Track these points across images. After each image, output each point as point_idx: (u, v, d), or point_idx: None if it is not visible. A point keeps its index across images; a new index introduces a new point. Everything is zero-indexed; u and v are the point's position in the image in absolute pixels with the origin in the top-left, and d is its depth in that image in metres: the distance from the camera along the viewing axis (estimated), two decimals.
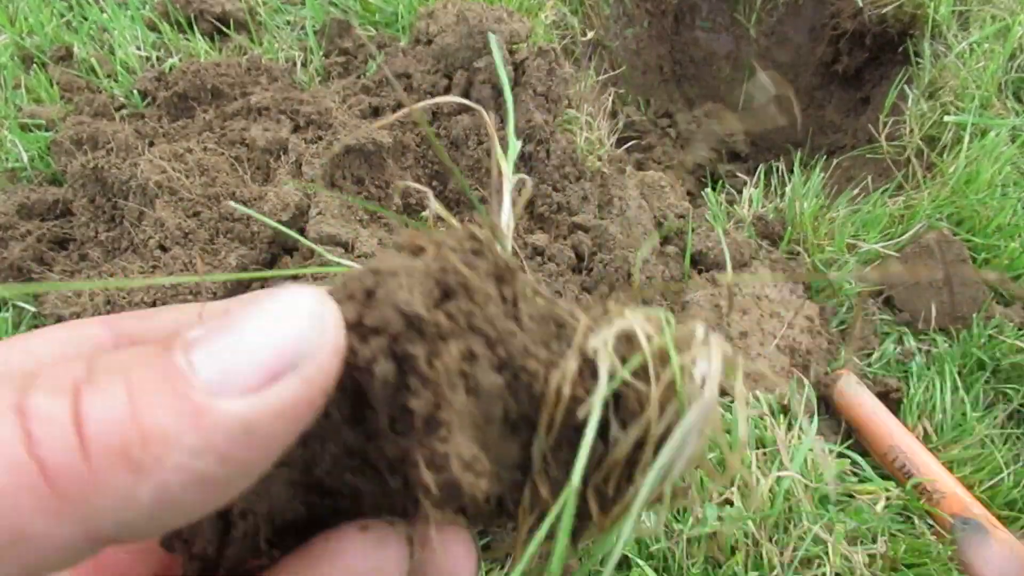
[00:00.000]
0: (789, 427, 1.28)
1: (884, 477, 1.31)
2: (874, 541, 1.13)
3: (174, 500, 0.22)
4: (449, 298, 0.27)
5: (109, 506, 0.21)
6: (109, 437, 0.21)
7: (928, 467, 1.28)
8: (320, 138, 1.47)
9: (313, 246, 1.05)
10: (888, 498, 1.22)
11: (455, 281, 0.28)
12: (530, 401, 0.29)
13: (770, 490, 1.14)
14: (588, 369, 0.29)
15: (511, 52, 1.58)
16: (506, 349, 0.28)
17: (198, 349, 0.23)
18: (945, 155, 1.81)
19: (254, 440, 0.22)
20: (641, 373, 0.29)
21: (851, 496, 1.22)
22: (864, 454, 1.35)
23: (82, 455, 0.21)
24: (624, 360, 0.29)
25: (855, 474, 1.30)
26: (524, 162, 1.60)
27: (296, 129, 1.51)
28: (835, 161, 2.01)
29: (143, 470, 0.21)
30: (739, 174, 1.97)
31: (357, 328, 0.26)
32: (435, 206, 0.36)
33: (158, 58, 1.79)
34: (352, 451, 0.28)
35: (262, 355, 0.23)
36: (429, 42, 1.67)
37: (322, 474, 0.29)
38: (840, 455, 1.31)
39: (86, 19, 1.89)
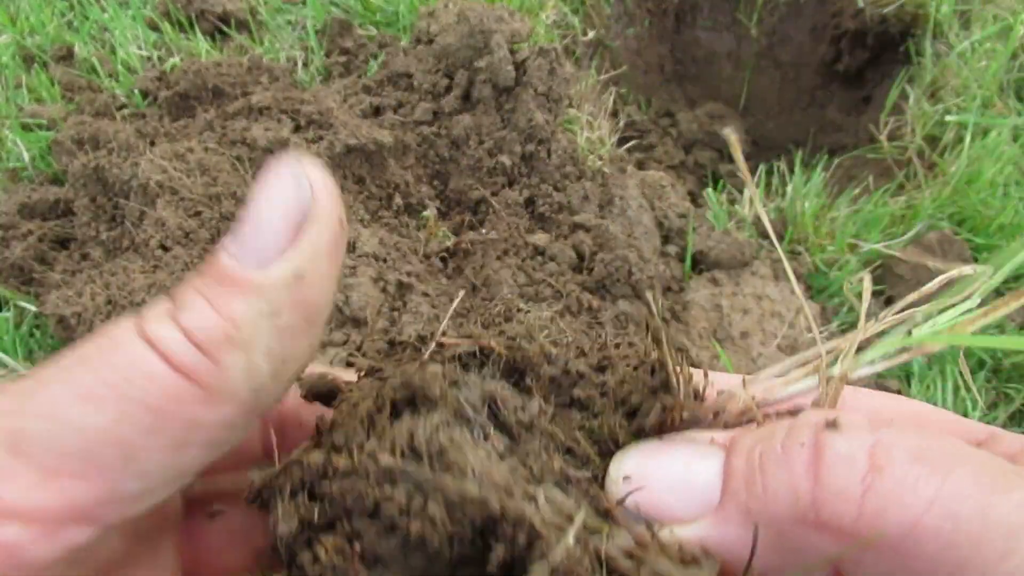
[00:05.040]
0: None
1: None
2: None
3: (281, 354, 0.30)
4: None
5: (242, 380, 0.29)
6: (213, 334, 0.29)
7: None
8: (321, 138, 1.47)
9: None
10: None
11: None
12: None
13: None
14: None
15: (512, 52, 1.57)
16: None
17: (234, 244, 0.30)
18: (946, 155, 1.81)
19: (308, 281, 0.30)
20: None
21: None
22: None
23: (204, 355, 0.28)
24: None
25: None
26: (525, 161, 1.60)
27: (297, 129, 1.51)
28: (836, 161, 2.00)
29: (246, 342, 0.29)
30: (740, 174, 1.96)
31: None
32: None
33: (159, 58, 1.79)
34: None
35: (278, 223, 0.30)
36: (430, 41, 1.67)
37: None
38: None
39: (87, 19, 1.89)
